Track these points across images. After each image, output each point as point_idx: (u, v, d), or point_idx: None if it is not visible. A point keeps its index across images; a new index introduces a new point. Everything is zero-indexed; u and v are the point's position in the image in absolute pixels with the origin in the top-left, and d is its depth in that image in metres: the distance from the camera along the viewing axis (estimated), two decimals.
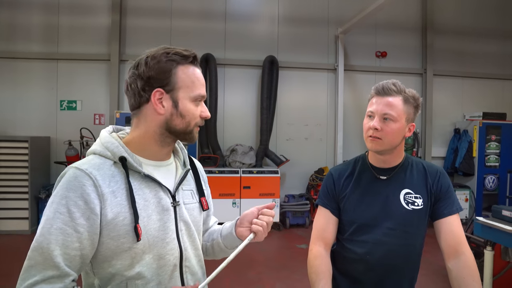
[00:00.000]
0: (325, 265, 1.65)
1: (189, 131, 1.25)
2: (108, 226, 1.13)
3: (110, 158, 1.19)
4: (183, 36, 7.29)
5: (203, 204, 1.38)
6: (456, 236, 1.59)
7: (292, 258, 5.36)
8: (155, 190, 1.22)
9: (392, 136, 1.61)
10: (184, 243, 1.27)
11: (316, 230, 1.75)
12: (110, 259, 1.15)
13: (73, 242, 1.08)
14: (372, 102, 1.65)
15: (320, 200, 1.79)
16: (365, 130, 1.66)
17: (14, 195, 6.24)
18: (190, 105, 1.23)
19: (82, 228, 1.09)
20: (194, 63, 1.25)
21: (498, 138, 7.51)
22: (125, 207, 1.15)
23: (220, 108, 7.38)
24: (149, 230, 1.18)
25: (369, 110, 1.65)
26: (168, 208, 1.24)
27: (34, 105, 7.04)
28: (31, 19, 7.04)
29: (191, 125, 1.24)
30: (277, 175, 6.88)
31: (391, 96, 1.61)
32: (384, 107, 1.60)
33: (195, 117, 1.25)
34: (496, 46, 8.40)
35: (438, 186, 1.67)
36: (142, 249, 1.17)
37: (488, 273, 3.60)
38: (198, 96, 1.24)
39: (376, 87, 1.66)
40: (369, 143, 1.65)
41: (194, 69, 1.25)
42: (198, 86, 1.24)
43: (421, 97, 1.66)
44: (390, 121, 1.59)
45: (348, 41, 7.81)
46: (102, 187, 1.13)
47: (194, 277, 1.30)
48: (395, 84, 1.63)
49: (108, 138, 1.23)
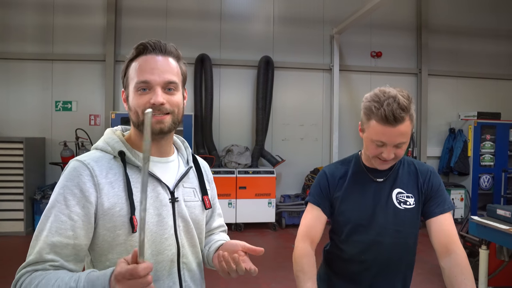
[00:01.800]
0: (312, 264, 1.62)
1: (141, 121, 1.18)
2: (105, 216, 1.14)
3: (110, 152, 1.22)
4: (179, 37, 7.28)
5: (206, 203, 1.37)
6: (448, 235, 1.58)
7: (288, 258, 5.33)
8: (153, 185, 1.23)
9: (403, 154, 1.59)
10: (181, 240, 1.27)
11: (304, 227, 1.72)
12: (107, 252, 1.16)
13: (67, 230, 1.09)
14: (378, 131, 1.48)
15: (312, 197, 1.75)
16: (373, 154, 1.57)
17: (9, 197, 6.20)
18: (133, 96, 1.21)
19: (77, 216, 1.10)
20: (144, 52, 1.22)
21: (492, 137, 7.56)
22: (122, 198, 1.16)
23: (215, 109, 7.38)
24: (146, 224, 1.16)
25: (378, 140, 1.50)
26: (166, 204, 1.24)
27: (29, 106, 7.01)
28: (25, 19, 7.01)
29: (139, 115, 1.19)
30: (273, 175, 6.89)
31: (402, 123, 1.46)
32: (398, 138, 1.48)
33: (140, 106, 1.18)
34: (490, 45, 8.45)
35: (429, 185, 1.67)
36: None
37: (483, 272, 3.62)
38: (137, 84, 1.19)
39: (382, 115, 1.44)
40: (380, 165, 1.61)
41: (146, 57, 1.21)
42: (142, 73, 1.19)
43: (415, 97, 1.65)
44: (403, 144, 1.53)
45: (343, 41, 7.83)
46: (99, 177, 1.15)
47: (191, 274, 1.31)
48: (402, 107, 1.44)
49: (110, 135, 1.27)
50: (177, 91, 1.24)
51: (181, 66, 1.28)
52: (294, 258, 1.66)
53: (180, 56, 1.29)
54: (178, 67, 1.26)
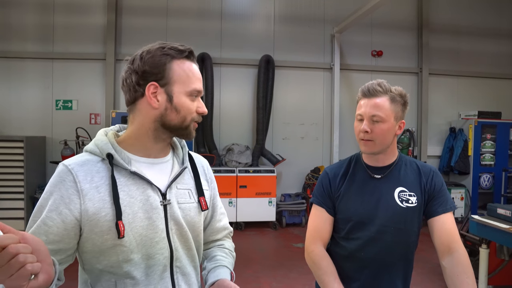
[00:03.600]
0: (332, 265, 1.66)
1: (185, 126, 1.23)
2: (91, 222, 1.12)
3: (98, 155, 1.19)
4: (179, 36, 7.27)
5: (202, 204, 1.32)
6: (449, 234, 1.59)
7: (288, 257, 5.37)
8: (143, 188, 1.20)
9: (383, 136, 1.63)
10: (174, 243, 1.24)
11: (313, 230, 1.75)
12: (98, 255, 1.15)
13: (40, 234, 1.09)
14: (360, 105, 1.68)
15: (316, 198, 1.78)
16: (357, 133, 1.69)
17: (9, 195, 6.20)
18: (185, 100, 1.21)
19: (51, 222, 1.10)
20: (190, 58, 1.24)
21: (493, 137, 7.56)
22: (107, 202, 1.13)
23: (216, 108, 7.38)
24: (135, 228, 1.16)
25: (358, 113, 1.68)
26: (156, 207, 1.20)
27: (29, 105, 7.01)
28: (26, 18, 7.01)
29: (186, 120, 1.22)
30: (274, 174, 6.89)
31: (377, 97, 1.62)
32: (372, 109, 1.62)
33: (191, 112, 1.23)
34: (491, 45, 8.44)
35: (432, 184, 1.68)
36: (129, 248, 1.15)
37: (484, 271, 3.63)
38: (193, 91, 1.23)
39: (362, 89, 1.67)
40: (362, 146, 1.68)
41: (191, 64, 1.24)
42: (194, 81, 1.23)
43: (416, 96, 1.67)
44: (379, 122, 1.61)
45: (344, 40, 7.82)
46: (82, 182, 1.13)
47: (186, 278, 1.28)
48: (380, 85, 1.64)
49: (100, 136, 1.24)
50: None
51: None
52: (313, 262, 1.68)
53: None
54: None
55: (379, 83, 1.64)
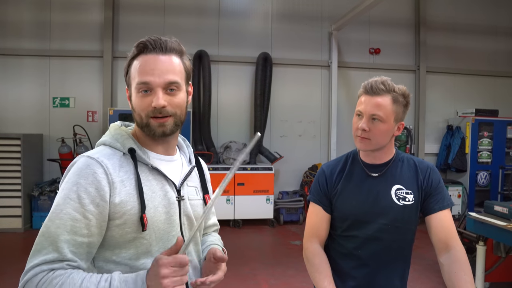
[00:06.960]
0: (325, 263, 1.67)
1: (145, 124, 1.19)
2: (115, 214, 1.13)
3: (120, 149, 1.21)
4: (176, 33, 7.15)
5: (207, 201, 1.38)
6: (447, 231, 1.60)
7: (286, 255, 5.38)
8: (162, 183, 1.23)
9: (381, 136, 1.61)
10: (186, 238, 1.27)
11: (310, 228, 1.76)
12: (113, 247, 1.16)
13: (82, 228, 1.08)
14: (361, 101, 1.64)
15: (312, 196, 1.78)
16: (354, 130, 1.66)
17: (6, 193, 6.20)
18: (135, 96, 1.19)
19: (91, 214, 1.09)
20: (145, 51, 1.19)
21: (490, 134, 7.57)
22: (133, 196, 1.15)
23: (213, 105, 7.36)
24: (156, 222, 1.19)
25: (358, 110, 1.64)
26: (173, 202, 1.25)
27: (26, 102, 6.99)
28: (22, 15, 6.97)
29: (142, 118, 1.19)
30: (271, 172, 6.90)
31: (379, 95, 1.58)
32: (372, 108, 1.58)
33: (142, 109, 1.18)
34: (488, 43, 8.46)
35: (429, 181, 1.68)
36: (149, 241, 1.18)
37: (481, 267, 3.65)
38: (138, 85, 1.17)
39: (365, 85, 1.63)
40: (358, 143, 1.67)
41: (146, 57, 1.18)
42: (141, 74, 1.17)
43: (414, 93, 1.66)
44: (379, 121, 1.59)
45: (342, 38, 7.82)
46: (113, 175, 1.14)
47: (194, 271, 1.32)
48: (384, 83, 1.59)
49: (118, 130, 1.26)
50: (179, 90, 1.21)
51: (185, 62, 1.25)
52: (307, 259, 1.70)
53: (183, 51, 1.26)
54: (181, 64, 1.23)
55: (383, 81, 1.60)
